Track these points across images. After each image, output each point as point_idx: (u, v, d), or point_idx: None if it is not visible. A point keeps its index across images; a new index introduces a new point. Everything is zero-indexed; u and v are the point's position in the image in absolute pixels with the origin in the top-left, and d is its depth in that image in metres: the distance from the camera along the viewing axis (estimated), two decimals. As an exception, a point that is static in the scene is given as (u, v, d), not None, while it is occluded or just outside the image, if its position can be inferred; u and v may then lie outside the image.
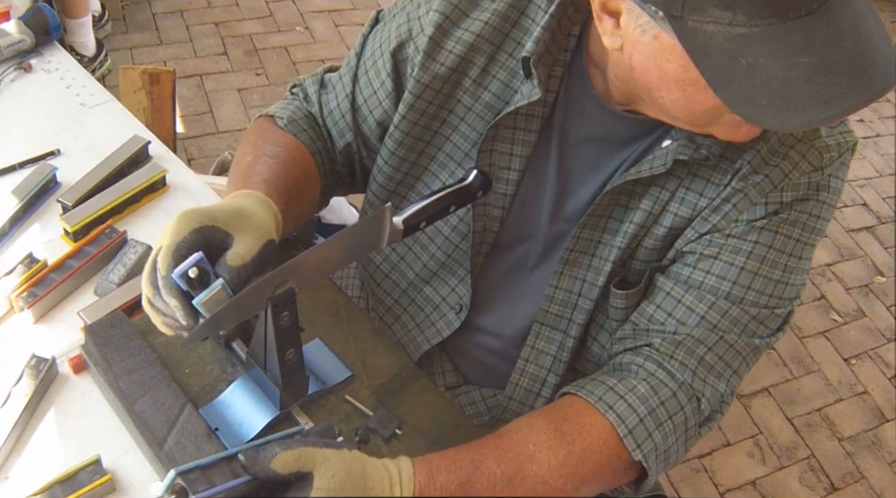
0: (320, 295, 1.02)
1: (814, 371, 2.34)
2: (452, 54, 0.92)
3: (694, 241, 0.87)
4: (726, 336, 0.86)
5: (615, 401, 0.83)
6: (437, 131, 0.97)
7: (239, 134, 2.66)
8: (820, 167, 0.85)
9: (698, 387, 0.85)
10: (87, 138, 1.24)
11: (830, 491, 2.05)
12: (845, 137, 0.87)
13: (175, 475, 0.68)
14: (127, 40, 2.96)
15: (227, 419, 0.85)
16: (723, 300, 0.86)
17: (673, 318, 0.87)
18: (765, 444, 2.12)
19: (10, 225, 1.07)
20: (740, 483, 2.03)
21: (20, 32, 1.36)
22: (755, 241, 0.85)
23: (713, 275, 0.86)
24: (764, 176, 0.84)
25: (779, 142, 0.85)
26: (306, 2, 3.34)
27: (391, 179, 1.01)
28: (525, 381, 1.02)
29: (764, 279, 0.86)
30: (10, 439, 0.84)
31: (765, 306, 0.87)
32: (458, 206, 0.88)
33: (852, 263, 2.72)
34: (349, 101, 1.01)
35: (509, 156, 0.93)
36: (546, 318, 0.98)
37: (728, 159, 0.85)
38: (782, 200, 0.85)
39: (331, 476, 0.68)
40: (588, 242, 0.92)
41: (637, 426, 0.82)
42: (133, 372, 0.86)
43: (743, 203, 0.85)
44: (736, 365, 0.88)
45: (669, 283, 0.88)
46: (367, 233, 0.80)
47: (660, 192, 0.88)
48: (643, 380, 0.85)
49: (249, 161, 0.93)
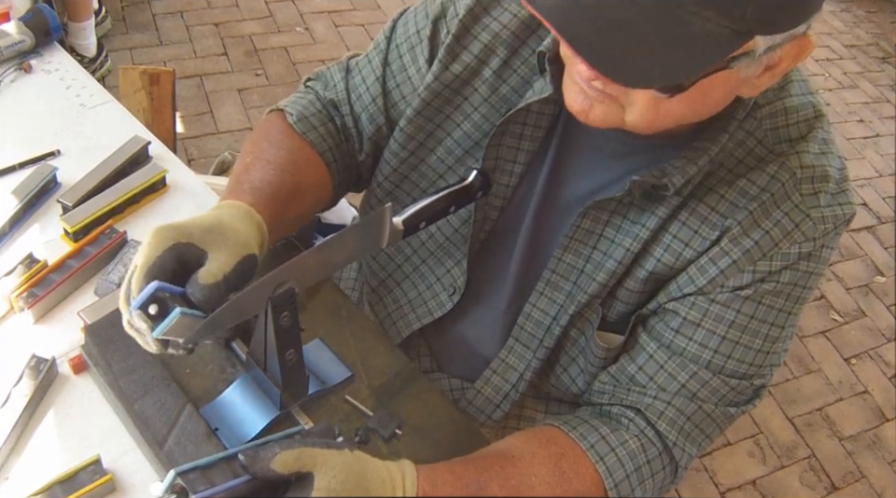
0: (320, 295, 1.02)
1: (814, 371, 2.34)
2: (478, 41, 0.92)
3: (678, 299, 0.87)
4: (704, 405, 0.87)
5: (606, 453, 0.84)
6: (449, 116, 0.97)
7: (239, 134, 2.66)
8: (813, 238, 0.82)
9: (677, 453, 0.87)
10: (87, 138, 1.24)
11: (830, 490, 2.05)
12: (843, 209, 0.84)
13: (175, 475, 0.68)
14: (127, 41, 2.96)
15: (227, 419, 0.85)
16: (704, 370, 0.86)
17: (654, 383, 0.87)
18: (766, 444, 2.12)
19: (10, 225, 1.07)
20: (740, 483, 2.03)
21: (19, 32, 1.36)
22: (738, 310, 0.84)
23: (695, 342, 0.85)
24: (755, 243, 0.82)
25: (774, 204, 0.82)
26: (306, 2, 3.34)
27: (396, 156, 1.00)
28: (488, 391, 1.03)
29: (745, 348, 0.85)
30: (10, 439, 0.84)
31: (744, 375, 0.87)
32: (458, 206, 0.88)
33: (852, 263, 2.72)
34: (380, 84, 1.00)
35: (515, 150, 0.93)
36: (520, 335, 0.98)
37: (719, 213, 0.83)
38: (770, 269, 0.83)
39: (332, 476, 0.68)
40: (570, 268, 0.92)
41: (623, 482, 0.84)
42: (134, 372, 0.86)
43: (731, 269, 0.83)
44: (710, 430, 0.89)
45: (652, 345, 0.88)
46: (367, 233, 0.80)
47: (640, 230, 0.86)
48: (635, 436, 0.86)
49: (246, 164, 0.92)
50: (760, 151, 0.84)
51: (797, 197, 0.82)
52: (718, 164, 0.84)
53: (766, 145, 0.84)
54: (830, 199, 0.83)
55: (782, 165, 0.82)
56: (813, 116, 0.85)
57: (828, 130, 0.87)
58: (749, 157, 0.84)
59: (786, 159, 0.83)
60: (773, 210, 0.82)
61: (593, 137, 0.89)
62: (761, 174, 0.83)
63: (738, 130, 0.83)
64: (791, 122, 0.85)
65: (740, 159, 0.84)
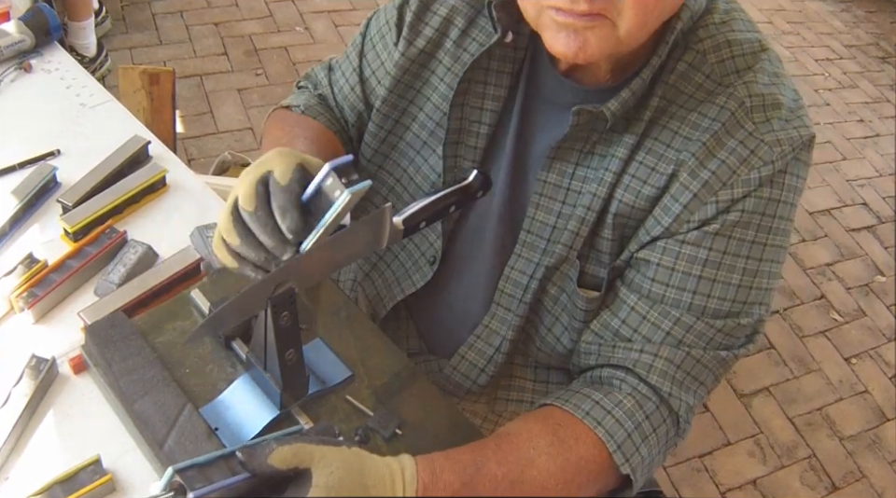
0: (320, 295, 1.02)
1: (814, 371, 2.34)
2: (437, 15, 0.96)
3: (648, 246, 0.87)
4: (692, 351, 0.86)
5: (603, 417, 0.83)
6: (419, 91, 1.00)
7: (239, 134, 2.66)
8: (771, 161, 0.82)
9: (674, 404, 0.86)
10: (87, 138, 1.24)
11: (830, 490, 2.05)
12: (799, 131, 0.84)
13: (173, 472, 0.68)
14: (127, 40, 2.96)
15: (227, 419, 0.85)
16: (687, 314, 0.85)
17: (639, 334, 0.87)
18: (766, 443, 2.12)
19: (10, 225, 1.07)
20: (741, 483, 2.03)
21: (20, 32, 1.36)
22: (710, 247, 0.84)
23: (673, 287, 0.85)
24: (712, 173, 0.83)
25: (726, 133, 0.83)
26: (306, 2, 3.34)
27: (375, 137, 1.04)
28: (472, 355, 1.03)
29: (724, 285, 0.85)
30: (10, 440, 0.84)
31: (728, 314, 0.86)
32: (458, 206, 0.88)
33: (852, 263, 2.72)
34: (357, 74, 1.05)
35: (479, 110, 0.95)
36: (501, 299, 0.98)
37: (674, 148, 0.85)
38: (733, 197, 0.83)
39: (329, 472, 0.68)
40: (543, 225, 0.93)
41: (626, 442, 0.83)
42: (133, 372, 0.86)
43: (693, 203, 0.83)
44: (703, 377, 0.88)
45: (633, 297, 0.88)
46: (367, 233, 0.80)
47: (604, 173, 0.88)
48: (628, 395, 0.85)
49: (285, 143, 0.94)
50: (709, 85, 0.85)
51: (750, 125, 0.83)
52: (669, 101, 0.85)
53: (714, 78, 0.85)
54: (783, 123, 0.83)
55: (731, 95, 0.84)
56: (759, 49, 0.87)
57: (778, 65, 0.88)
58: (699, 91, 0.85)
59: (734, 90, 0.84)
60: (726, 139, 0.83)
61: (551, 91, 0.91)
62: (710, 106, 0.84)
63: (679, 61, 0.85)
64: (737, 54, 0.86)
65: (690, 94, 0.85)
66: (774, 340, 2.40)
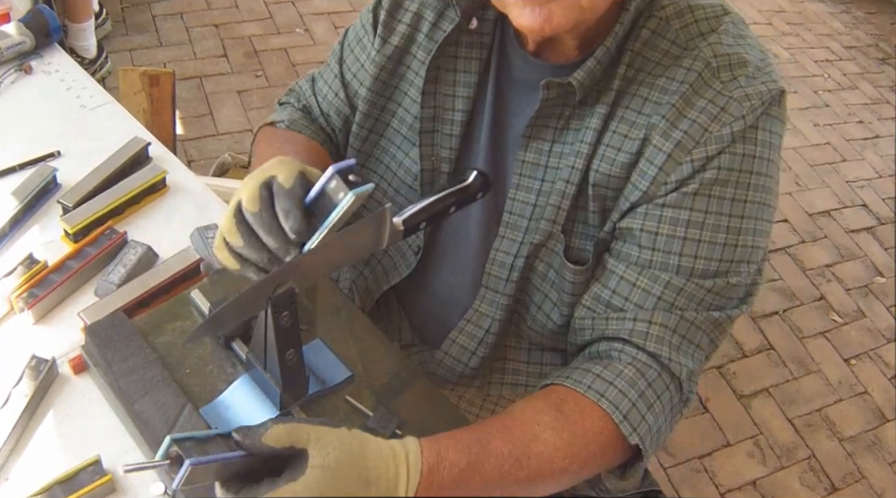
0: (320, 295, 1.02)
1: (814, 372, 2.34)
2: (409, 11, 0.99)
3: (630, 214, 0.87)
4: (685, 314, 0.86)
5: (605, 388, 0.83)
6: (396, 87, 1.02)
7: (239, 136, 2.66)
8: (741, 116, 0.83)
9: (675, 369, 0.86)
10: (87, 140, 1.24)
11: (830, 491, 2.05)
12: (767, 86, 0.84)
13: (171, 441, 0.66)
14: (127, 42, 2.97)
15: (227, 419, 0.85)
16: (675, 276, 0.86)
17: (631, 303, 0.87)
18: (766, 444, 2.12)
19: (11, 226, 1.08)
20: (740, 483, 2.02)
21: (20, 33, 1.36)
22: (691, 207, 0.84)
23: (659, 251, 0.86)
24: (684, 133, 0.83)
25: (695, 93, 0.84)
26: (306, 4, 3.34)
27: (358, 136, 1.05)
28: (463, 339, 1.03)
29: (709, 245, 0.85)
30: (10, 440, 0.84)
31: (716, 273, 0.86)
32: (458, 207, 0.88)
33: (852, 264, 2.72)
34: (339, 80, 1.07)
35: (452, 98, 0.97)
36: (489, 281, 0.99)
37: (645, 114, 0.86)
38: (707, 155, 0.83)
39: (326, 453, 0.67)
40: (524, 205, 0.94)
41: (631, 411, 0.82)
42: (134, 372, 0.86)
43: (669, 165, 0.84)
44: (699, 340, 0.87)
45: (621, 266, 0.88)
46: (367, 233, 0.80)
47: (580, 146, 0.88)
48: (629, 365, 0.85)
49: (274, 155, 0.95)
50: (675, 50, 0.86)
51: (718, 84, 0.84)
52: (637, 70, 0.87)
53: (679, 43, 0.86)
54: (751, 80, 0.84)
55: (696, 57, 0.85)
56: (722, 12, 0.88)
57: (742, 27, 0.89)
58: (666, 57, 0.86)
59: (699, 52, 0.85)
60: (695, 99, 0.84)
61: (521, 72, 0.93)
62: (677, 70, 0.85)
63: (642, 28, 0.86)
64: (700, 18, 0.87)
65: (657, 61, 0.86)
66: (773, 341, 2.40)
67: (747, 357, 2.34)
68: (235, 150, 2.45)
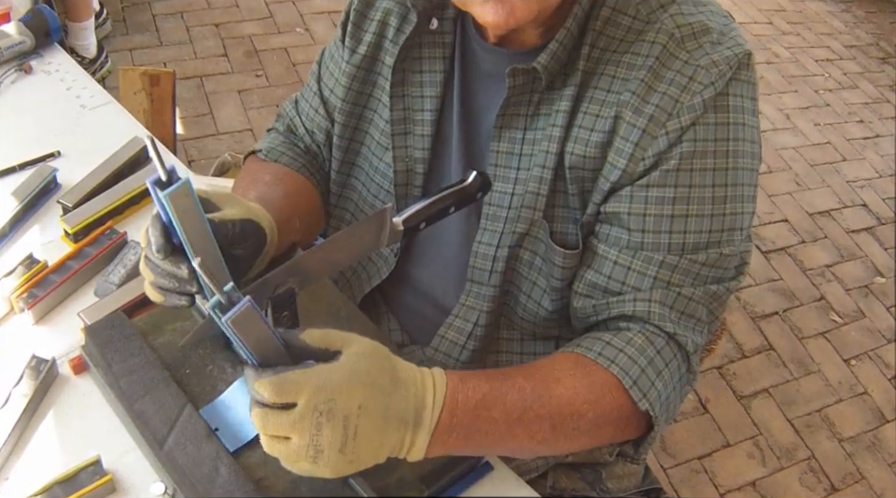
0: (320, 295, 1.02)
1: (814, 372, 2.34)
2: (374, 21, 1.00)
3: (614, 198, 0.87)
4: (683, 290, 0.87)
5: (615, 355, 0.83)
6: (370, 95, 1.03)
7: (239, 135, 2.66)
8: (711, 83, 0.83)
9: (682, 340, 0.87)
10: (87, 140, 1.24)
11: (830, 491, 2.05)
12: (733, 50, 0.84)
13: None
14: (127, 41, 2.97)
15: (227, 419, 0.85)
16: (668, 255, 0.86)
17: (628, 286, 0.88)
18: (765, 445, 2.12)
19: (11, 226, 1.08)
20: (740, 484, 2.03)
21: (20, 33, 1.36)
22: (674, 185, 0.84)
23: (650, 232, 0.86)
24: (656, 106, 0.83)
25: (662, 66, 0.84)
26: (306, 3, 3.34)
27: (339, 148, 1.06)
28: (452, 334, 1.03)
29: (697, 218, 0.85)
30: (10, 440, 0.84)
31: (707, 245, 0.86)
32: (458, 207, 0.89)
33: (852, 264, 2.72)
34: (318, 97, 1.08)
35: (420, 99, 0.98)
36: (474, 274, 0.99)
37: (614, 92, 0.86)
38: (682, 126, 0.83)
39: (359, 347, 0.70)
40: (503, 194, 0.94)
41: (641, 377, 0.83)
42: (134, 373, 0.86)
43: (644, 140, 0.84)
44: (698, 313, 0.88)
45: (613, 251, 0.88)
46: (367, 233, 0.80)
47: (552, 130, 0.89)
48: (638, 332, 0.86)
49: (241, 196, 0.98)
50: (637, 25, 0.86)
51: (684, 54, 0.84)
52: (602, 49, 0.87)
53: (640, 18, 0.86)
54: (715, 46, 0.84)
55: (659, 30, 0.85)
56: None
57: None
58: (629, 34, 0.86)
59: (661, 24, 0.85)
60: (663, 72, 0.84)
61: (487, 64, 0.94)
62: (642, 44, 0.85)
63: (602, 7, 0.86)
64: None
65: (621, 38, 0.86)
66: (773, 342, 2.40)
67: (747, 358, 2.34)
68: (235, 150, 2.45)
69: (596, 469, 1.11)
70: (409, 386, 0.72)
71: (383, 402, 0.69)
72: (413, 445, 0.72)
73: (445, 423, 0.73)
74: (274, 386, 0.66)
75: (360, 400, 0.68)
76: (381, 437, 0.69)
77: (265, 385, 0.66)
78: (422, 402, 0.72)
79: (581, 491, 1.10)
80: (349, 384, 0.67)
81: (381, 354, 0.71)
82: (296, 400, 0.66)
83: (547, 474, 1.09)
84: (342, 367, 0.68)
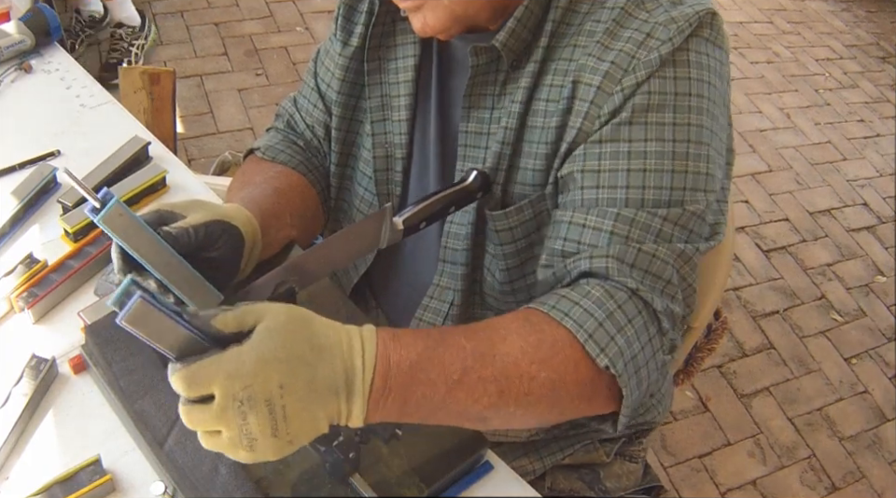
0: (320, 295, 1.02)
1: (814, 371, 2.34)
2: (363, 13, 1.01)
3: (569, 160, 0.85)
4: (643, 247, 0.80)
5: (570, 308, 0.77)
6: (364, 85, 1.04)
7: (239, 134, 2.66)
8: (668, 39, 0.80)
9: (646, 296, 0.79)
10: (87, 139, 1.24)
11: (830, 490, 2.05)
12: (694, 8, 0.82)
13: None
14: (127, 41, 2.96)
15: (227, 419, 0.85)
16: (625, 208, 0.81)
17: (584, 244, 0.82)
18: (766, 444, 2.12)
19: (11, 225, 1.08)
20: (741, 483, 2.03)
21: (19, 32, 1.36)
22: (628, 139, 0.81)
23: (604, 187, 0.82)
24: (611, 63, 0.81)
25: (620, 26, 0.83)
26: (306, 2, 3.34)
27: (337, 140, 1.07)
28: (429, 315, 1.02)
29: (656, 173, 0.81)
30: (10, 440, 0.84)
31: (670, 202, 0.81)
32: (458, 207, 0.89)
33: (853, 263, 2.72)
34: (316, 92, 1.09)
35: (396, 84, 0.99)
36: (446, 255, 0.99)
37: (575, 60, 0.84)
38: (637, 81, 0.80)
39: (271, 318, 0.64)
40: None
41: (597, 330, 0.75)
42: (134, 372, 0.86)
43: (599, 97, 0.82)
44: (663, 272, 0.81)
45: (567, 214, 0.84)
46: (367, 233, 0.80)
47: (512, 106, 0.88)
48: (597, 286, 0.79)
49: (231, 197, 1.00)
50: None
51: (643, 14, 0.83)
52: (567, 24, 0.86)
53: None
54: (676, 5, 0.83)
55: None
56: None
57: None
58: (594, 6, 0.85)
59: None
60: (620, 31, 0.83)
61: (457, 49, 0.94)
62: (602, 11, 0.84)
63: None
64: None
65: (585, 11, 0.85)
66: (774, 340, 2.40)
67: (747, 356, 2.34)
68: (236, 148, 2.45)
69: (595, 469, 1.11)
70: (334, 351, 0.66)
71: (306, 374, 0.64)
72: (351, 413, 0.67)
73: (379, 387, 0.67)
74: (185, 380, 0.61)
75: (280, 379, 0.62)
76: (313, 412, 0.64)
77: (177, 380, 0.61)
78: (351, 366, 0.66)
79: (580, 492, 1.10)
80: (263, 365, 0.62)
81: (297, 322, 0.65)
82: (211, 392, 0.62)
83: (545, 476, 1.09)
84: (252, 349, 0.62)
